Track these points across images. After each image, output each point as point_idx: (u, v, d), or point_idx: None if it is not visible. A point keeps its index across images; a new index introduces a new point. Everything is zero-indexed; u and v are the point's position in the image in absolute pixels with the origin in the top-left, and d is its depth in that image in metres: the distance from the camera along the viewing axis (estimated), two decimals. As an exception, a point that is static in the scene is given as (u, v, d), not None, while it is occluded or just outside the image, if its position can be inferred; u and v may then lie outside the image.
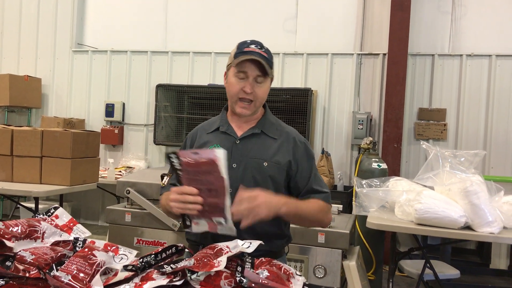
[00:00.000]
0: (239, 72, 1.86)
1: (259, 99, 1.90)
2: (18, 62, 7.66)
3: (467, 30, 6.03)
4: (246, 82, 1.86)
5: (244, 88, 1.86)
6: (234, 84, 1.88)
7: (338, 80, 6.38)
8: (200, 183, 1.62)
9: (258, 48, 1.88)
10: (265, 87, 1.90)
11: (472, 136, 5.97)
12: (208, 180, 1.60)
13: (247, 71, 1.85)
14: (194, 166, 1.60)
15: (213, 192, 1.61)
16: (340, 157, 6.33)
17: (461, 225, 3.14)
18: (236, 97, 1.89)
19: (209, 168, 1.57)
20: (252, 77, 1.86)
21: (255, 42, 1.91)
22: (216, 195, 1.61)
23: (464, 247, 5.94)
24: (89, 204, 7.24)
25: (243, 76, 1.86)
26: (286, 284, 1.36)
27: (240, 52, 1.87)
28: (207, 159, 1.56)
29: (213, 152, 1.56)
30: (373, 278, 4.44)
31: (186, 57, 6.92)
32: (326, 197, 1.97)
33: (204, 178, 1.60)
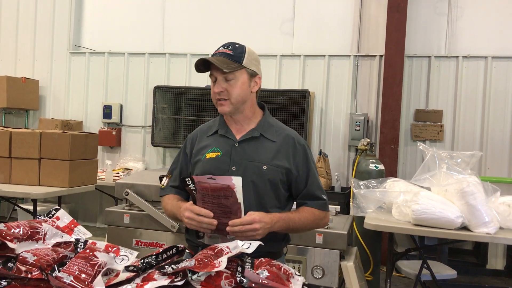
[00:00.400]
0: (210, 76, 1.94)
1: (234, 96, 1.91)
2: (15, 64, 7.66)
3: (463, 32, 6.07)
4: (216, 83, 1.91)
5: (214, 89, 1.92)
6: (211, 89, 1.95)
7: (335, 81, 6.41)
8: (216, 205, 1.68)
9: (224, 48, 1.92)
10: (238, 83, 1.90)
11: (469, 137, 6.01)
12: (224, 203, 1.66)
13: (213, 73, 1.91)
14: (211, 190, 1.65)
15: (228, 214, 1.68)
16: (337, 158, 6.36)
17: (458, 226, 3.17)
18: (215, 100, 1.95)
19: (226, 193, 1.64)
20: (219, 76, 1.89)
21: (226, 44, 1.95)
22: (230, 216, 1.69)
23: (461, 248, 5.97)
24: (87, 205, 7.24)
25: (214, 79, 1.92)
26: (286, 284, 1.38)
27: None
28: (225, 185, 1.62)
29: (230, 179, 1.63)
30: (370, 278, 4.46)
31: (183, 59, 6.94)
32: (323, 205, 2.00)
33: (220, 202, 1.66)
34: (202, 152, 1.98)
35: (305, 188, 1.97)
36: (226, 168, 1.90)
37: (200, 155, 1.97)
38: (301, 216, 1.92)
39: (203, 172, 1.91)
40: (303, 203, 1.99)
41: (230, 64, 1.87)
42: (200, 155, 1.97)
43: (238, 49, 1.91)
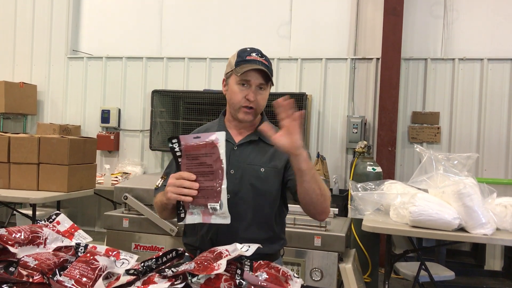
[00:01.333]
0: (242, 80, 1.89)
1: (260, 106, 1.94)
2: (13, 69, 7.67)
3: (459, 34, 6.11)
4: (249, 90, 1.90)
5: (248, 96, 1.89)
6: (237, 92, 1.91)
7: (332, 84, 6.44)
8: (198, 166, 1.63)
9: (259, 56, 1.92)
10: (265, 95, 1.95)
11: (465, 139, 6.04)
12: (206, 162, 1.62)
13: (250, 79, 1.89)
14: (194, 149, 1.63)
15: (210, 175, 1.62)
16: (335, 161, 6.38)
17: (455, 227, 3.19)
18: (239, 105, 1.92)
19: (209, 150, 1.61)
20: (255, 85, 1.90)
21: (256, 50, 1.94)
22: (213, 178, 1.62)
23: (459, 249, 5.99)
24: (86, 210, 7.24)
25: (246, 84, 1.90)
26: (284, 286, 1.40)
27: (242, 60, 1.90)
28: (208, 141, 1.60)
29: (214, 134, 1.61)
30: (369, 280, 4.48)
31: (181, 63, 6.96)
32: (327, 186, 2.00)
33: (203, 161, 1.62)
34: None
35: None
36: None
37: None
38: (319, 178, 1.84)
39: None
40: None
41: (270, 76, 1.91)
42: None
43: (269, 60, 1.95)
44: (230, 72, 1.94)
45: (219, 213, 1.62)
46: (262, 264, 1.51)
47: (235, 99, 1.93)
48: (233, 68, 1.92)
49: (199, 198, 1.63)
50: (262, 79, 1.89)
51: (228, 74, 1.97)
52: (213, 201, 1.62)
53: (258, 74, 1.88)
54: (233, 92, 1.93)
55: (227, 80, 1.98)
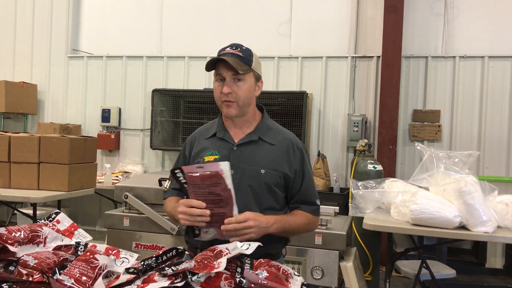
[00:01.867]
0: (216, 75, 1.91)
1: (241, 98, 1.91)
2: (13, 68, 7.67)
3: (460, 32, 6.09)
4: (224, 83, 1.89)
5: (222, 90, 1.89)
6: (215, 88, 1.93)
7: (333, 83, 6.43)
8: (207, 195, 1.67)
9: (233, 49, 1.90)
10: (246, 86, 1.91)
11: (466, 136, 6.03)
12: (214, 191, 1.65)
13: (222, 72, 1.89)
14: (200, 179, 1.64)
15: (220, 202, 1.67)
16: (336, 159, 6.37)
17: (456, 225, 3.19)
18: (220, 101, 1.93)
19: (215, 180, 1.62)
20: (229, 77, 1.88)
21: (233, 45, 1.94)
22: (223, 205, 1.67)
23: (460, 247, 5.98)
24: (86, 209, 7.24)
25: (221, 78, 1.90)
26: (285, 284, 1.39)
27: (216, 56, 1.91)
28: (212, 172, 1.61)
29: (218, 165, 1.62)
30: (370, 278, 4.47)
31: (181, 62, 6.96)
32: (316, 210, 2.02)
33: (211, 191, 1.65)
34: (200, 155, 1.98)
35: (299, 192, 1.99)
36: None
37: (199, 158, 1.98)
38: (296, 219, 1.95)
39: None
40: (296, 207, 2.00)
41: (242, 65, 1.87)
42: (199, 158, 1.98)
43: (246, 51, 1.92)
44: None
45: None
46: (263, 263, 1.51)
47: (215, 96, 1.95)
48: None
49: (212, 223, 1.70)
50: (231, 69, 1.87)
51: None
52: None
53: (228, 66, 1.86)
54: (214, 89, 1.96)
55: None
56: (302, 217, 1.96)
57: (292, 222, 1.93)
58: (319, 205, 2.04)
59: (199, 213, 1.68)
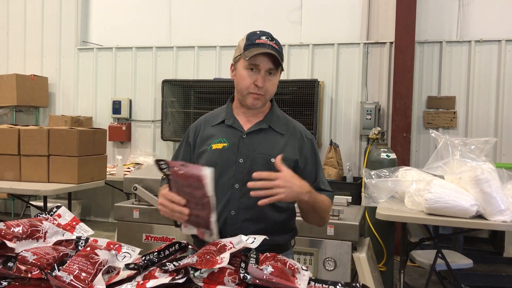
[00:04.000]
0: (250, 65, 1.80)
1: (270, 92, 1.85)
2: (24, 61, 7.69)
3: (475, 16, 5.92)
4: (258, 75, 1.80)
5: (256, 82, 1.80)
6: (245, 77, 1.82)
7: (345, 70, 6.31)
8: (188, 194, 1.60)
9: (269, 40, 1.82)
10: (275, 80, 1.85)
11: (483, 123, 5.88)
12: (195, 194, 1.58)
13: (259, 64, 1.79)
14: (182, 177, 1.57)
15: (200, 206, 1.60)
16: (349, 148, 6.28)
17: (473, 214, 3.10)
18: (247, 91, 1.83)
19: (197, 183, 1.55)
20: (264, 70, 1.80)
21: (266, 33, 1.84)
22: (202, 209, 1.60)
23: (477, 236, 5.86)
24: (99, 201, 7.27)
25: (255, 69, 1.80)
26: (291, 280, 1.32)
27: (251, 44, 1.80)
28: (195, 174, 1.54)
29: (200, 169, 1.54)
30: (384, 269, 4.40)
31: (191, 52, 6.89)
32: (331, 195, 1.96)
33: (192, 191, 1.58)
34: (207, 142, 1.91)
35: (315, 182, 1.92)
36: (233, 159, 1.85)
37: (206, 145, 1.91)
38: (323, 199, 1.86)
39: (209, 162, 1.84)
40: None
41: (280, 62, 1.81)
42: (206, 146, 1.91)
43: (278, 43, 1.84)
44: (239, 56, 1.85)
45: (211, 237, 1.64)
46: (269, 257, 1.44)
47: (243, 84, 1.83)
48: (242, 52, 1.82)
49: (190, 221, 1.65)
50: (271, 63, 1.79)
51: (236, 58, 1.87)
52: (204, 227, 1.65)
53: (268, 59, 1.79)
54: (241, 77, 1.84)
55: (235, 64, 1.88)
56: (326, 200, 1.89)
57: (320, 200, 1.83)
58: (333, 192, 1.98)
59: (178, 210, 1.61)
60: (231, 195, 1.84)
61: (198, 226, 1.66)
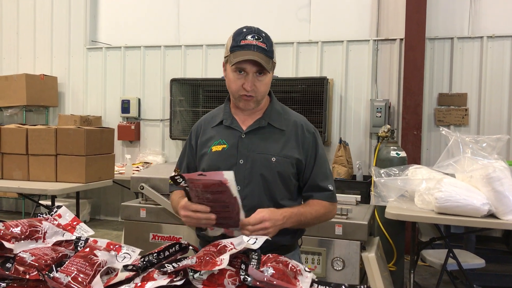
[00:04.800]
0: (237, 68, 1.76)
1: (261, 93, 1.81)
2: (34, 61, 7.73)
3: (487, 11, 5.81)
4: (246, 78, 1.76)
5: (244, 86, 1.76)
6: (233, 81, 1.78)
7: (354, 67, 6.24)
8: (211, 200, 1.59)
9: (255, 39, 1.75)
10: (266, 80, 1.80)
11: (495, 120, 5.78)
12: (220, 198, 1.57)
13: (246, 67, 1.74)
14: (203, 186, 1.55)
15: (226, 208, 1.59)
16: (358, 146, 6.21)
17: (484, 213, 3.03)
18: (237, 94, 1.80)
19: (219, 188, 1.53)
20: (252, 73, 1.75)
21: (252, 31, 1.78)
22: (228, 210, 1.60)
23: (490, 235, 5.76)
24: (109, 200, 7.28)
25: (242, 72, 1.76)
26: (292, 282, 1.28)
27: (237, 46, 1.75)
28: (217, 181, 1.52)
29: (221, 174, 1.51)
30: (394, 269, 4.33)
31: (199, 50, 6.87)
32: (330, 196, 1.89)
33: (216, 197, 1.57)
34: (207, 144, 1.89)
35: (310, 178, 1.87)
36: (233, 161, 1.82)
37: (206, 147, 1.88)
38: (311, 210, 1.83)
39: (210, 165, 1.83)
40: (309, 196, 1.89)
41: (268, 62, 1.75)
42: (206, 148, 1.88)
43: (268, 40, 1.78)
44: (226, 58, 1.81)
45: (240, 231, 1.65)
46: (271, 258, 1.40)
47: (232, 88, 1.81)
48: (228, 54, 1.78)
49: (218, 224, 1.65)
50: (257, 66, 1.74)
51: (225, 59, 1.83)
52: (233, 226, 1.65)
53: (252, 61, 1.73)
54: (229, 80, 1.81)
55: (225, 65, 1.84)
56: (319, 207, 1.85)
57: (308, 213, 1.81)
58: (333, 190, 1.90)
59: (204, 217, 1.61)
60: None
61: (227, 226, 1.66)
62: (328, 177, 1.90)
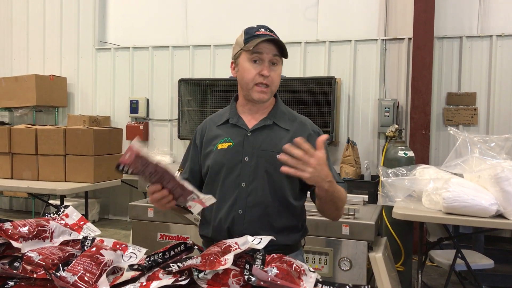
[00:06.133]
0: (253, 54, 1.77)
1: (275, 83, 1.83)
2: (43, 62, 7.79)
3: (497, 9, 5.76)
4: (263, 65, 1.78)
5: (262, 72, 1.77)
6: (249, 69, 1.79)
7: (362, 67, 6.23)
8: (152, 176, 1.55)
9: (267, 31, 1.82)
10: (279, 71, 1.83)
11: (505, 120, 5.73)
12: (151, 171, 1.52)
13: (263, 52, 1.77)
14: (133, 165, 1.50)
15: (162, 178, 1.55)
16: (366, 146, 6.19)
17: (493, 214, 3.00)
18: (253, 83, 1.80)
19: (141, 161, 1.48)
20: (268, 59, 1.78)
21: (263, 26, 1.84)
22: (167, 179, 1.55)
23: (499, 236, 5.72)
24: (118, 200, 7.32)
25: (258, 59, 1.78)
26: (296, 282, 1.29)
27: (251, 36, 1.79)
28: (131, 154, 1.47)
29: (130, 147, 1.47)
30: (402, 269, 4.31)
31: (207, 51, 6.89)
32: (345, 186, 1.88)
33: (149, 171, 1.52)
34: (213, 142, 1.90)
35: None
36: (239, 158, 1.83)
37: (211, 145, 1.89)
38: (340, 189, 1.78)
39: (215, 162, 1.84)
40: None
41: (283, 51, 1.80)
42: (212, 146, 1.89)
43: (277, 35, 1.84)
44: (239, 52, 1.83)
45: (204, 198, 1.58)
46: (275, 258, 1.41)
47: (247, 77, 1.80)
48: (242, 46, 1.81)
49: (178, 198, 1.62)
50: (276, 50, 1.78)
51: (237, 55, 1.85)
52: (188, 194, 1.59)
53: (272, 46, 1.77)
54: (245, 70, 1.81)
55: (237, 60, 1.86)
56: (343, 192, 1.82)
57: (338, 188, 1.75)
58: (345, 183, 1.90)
59: (160, 196, 1.59)
60: (238, 194, 1.81)
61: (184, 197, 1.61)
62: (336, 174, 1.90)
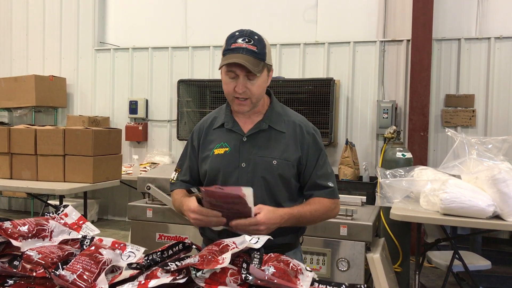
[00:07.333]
0: (228, 71, 1.78)
1: (255, 95, 1.81)
2: (43, 62, 7.80)
3: (495, 12, 5.78)
4: (238, 81, 1.77)
5: (236, 88, 1.78)
6: (227, 84, 1.81)
7: (361, 68, 6.24)
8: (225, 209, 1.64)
9: (245, 42, 1.76)
10: (259, 82, 1.80)
11: (503, 122, 5.75)
12: (233, 208, 1.62)
13: (235, 70, 1.76)
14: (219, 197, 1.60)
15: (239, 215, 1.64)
16: (365, 147, 6.21)
17: (490, 215, 3.02)
18: (231, 96, 1.82)
19: (235, 200, 1.58)
20: (242, 75, 1.76)
21: (243, 35, 1.79)
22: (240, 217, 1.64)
23: (496, 237, 5.73)
24: (116, 200, 7.33)
25: (233, 75, 1.77)
26: (293, 281, 1.30)
27: (228, 49, 1.77)
28: (234, 195, 1.57)
29: (240, 190, 1.56)
30: (400, 270, 4.33)
31: (206, 52, 6.90)
32: (331, 192, 1.90)
33: (229, 206, 1.62)
34: (209, 147, 1.91)
35: (310, 177, 1.89)
36: (235, 164, 1.84)
37: (208, 150, 1.91)
38: (311, 209, 1.84)
39: (212, 168, 1.87)
40: (310, 194, 1.90)
41: (257, 65, 1.74)
42: (208, 151, 1.91)
43: (260, 42, 1.78)
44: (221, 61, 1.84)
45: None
46: (272, 257, 1.42)
47: (226, 91, 1.83)
48: (222, 58, 1.80)
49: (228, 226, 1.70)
50: (243, 68, 1.74)
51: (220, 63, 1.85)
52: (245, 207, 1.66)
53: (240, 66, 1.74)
54: (224, 83, 1.83)
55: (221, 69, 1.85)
56: (319, 205, 1.86)
57: (307, 212, 1.83)
58: (333, 187, 1.91)
59: (216, 221, 1.67)
60: None
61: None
62: (328, 175, 1.91)
